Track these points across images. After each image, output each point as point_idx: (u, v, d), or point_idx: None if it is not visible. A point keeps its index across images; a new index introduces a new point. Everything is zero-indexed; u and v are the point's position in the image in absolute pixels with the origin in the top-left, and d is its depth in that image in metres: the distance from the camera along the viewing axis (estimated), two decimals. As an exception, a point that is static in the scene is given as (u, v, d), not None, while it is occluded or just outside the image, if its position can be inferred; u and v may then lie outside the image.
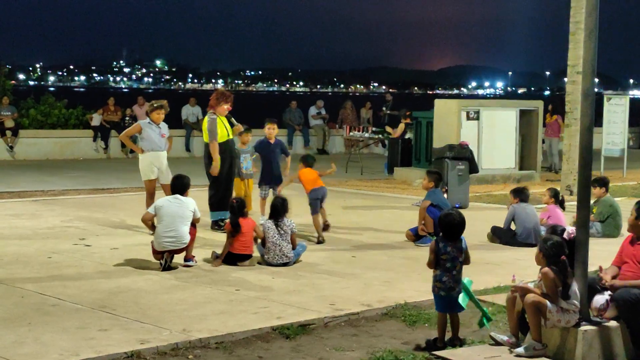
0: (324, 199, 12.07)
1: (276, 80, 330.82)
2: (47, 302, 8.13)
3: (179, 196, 9.98)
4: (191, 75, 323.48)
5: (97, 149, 24.74)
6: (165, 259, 9.67)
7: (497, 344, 6.99)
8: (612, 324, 6.84)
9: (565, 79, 17.60)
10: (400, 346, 7.13)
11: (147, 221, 10.14)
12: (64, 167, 21.70)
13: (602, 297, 6.96)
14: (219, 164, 12.06)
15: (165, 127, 12.53)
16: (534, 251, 7.15)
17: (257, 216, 12.21)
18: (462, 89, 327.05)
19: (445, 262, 7.13)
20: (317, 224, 11.74)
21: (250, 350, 6.99)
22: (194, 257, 9.98)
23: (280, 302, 8.30)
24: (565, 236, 7.10)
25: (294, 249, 10.15)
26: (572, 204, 10.71)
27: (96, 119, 24.89)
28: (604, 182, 12.63)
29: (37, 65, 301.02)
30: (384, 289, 8.98)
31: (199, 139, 24.94)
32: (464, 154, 16.12)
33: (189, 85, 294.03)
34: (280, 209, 10.21)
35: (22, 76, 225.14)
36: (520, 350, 6.79)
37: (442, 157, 16.09)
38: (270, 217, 10.30)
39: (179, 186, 10.12)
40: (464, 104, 19.63)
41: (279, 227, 10.09)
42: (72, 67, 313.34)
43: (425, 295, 8.09)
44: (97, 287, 8.79)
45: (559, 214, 11.90)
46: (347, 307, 8.15)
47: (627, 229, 7.36)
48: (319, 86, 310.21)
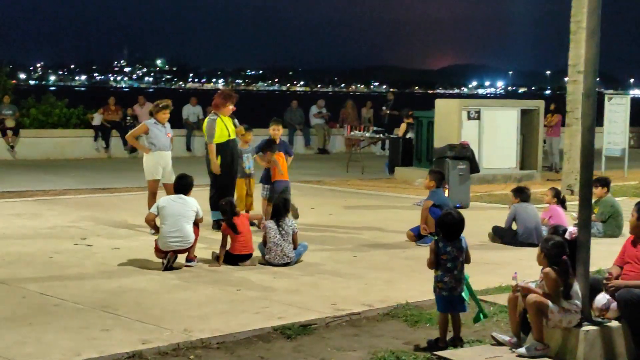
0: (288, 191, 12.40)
1: (277, 79, 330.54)
2: (49, 302, 8.14)
3: (182, 196, 9.99)
4: (192, 74, 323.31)
5: (98, 148, 24.76)
6: (168, 259, 9.67)
7: (499, 344, 7.00)
8: (614, 324, 6.84)
9: (566, 79, 17.58)
10: (401, 346, 7.12)
11: (150, 221, 10.17)
12: (65, 166, 21.71)
13: (604, 297, 6.97)
14: (218, 164, 12.10)
15: (169, 126, 12.52)
16: (535, 251, 7.14)
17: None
18: (463, 88, 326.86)
19: (446, 262, 7.13)
20: (267, 213, 11.57)
21: (251, 350, 6.99)
22: (196, 257, 9.98)
23: (281, 302, 8.30)
24: (566, 236, 7.09)
25: (295, 249, 10.15)
26: (573, 203, 10.69)
27: (97, 119, 24.92)
28: (605, 182, 12.63)
29: (38, 64, 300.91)
30: (386, 289, 8.98)
31: (199, 138, 24.93)
32: (464, 154, 16.11)
33: (190, 84, 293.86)
34: (281, 209, 10.21)
35: (23, 75, 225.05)
36: (522, 350, 6.78)
37: (443, 156, 16.08)
38: (271, 217, 10.30)
39: (183, 186, 10.12)
40: (465, 104, 19.64)
41: (281, 228, 10.08)
42: (73, 66, 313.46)
43: (426, 295, 8.08)
44: (99, 287, 8.80)
45: (561, 214, 11.90)
46: (348, 307, 8.15)
47: (630, 230, 7.36)
48: (319, 85, 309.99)
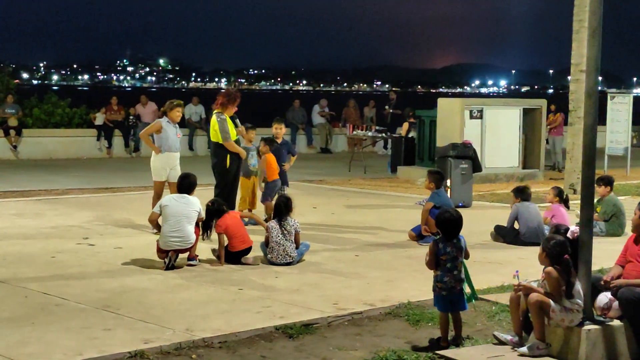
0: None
1: (279, 79, 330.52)
2: (51, 302, 8.14)
3: (185, 195, 9.98)
4: (194, 74, 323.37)
5: (100, 148, 24.77)
6: (169, 258, 9.67)
7: (501, 343, 6.99)
8: (616, 323, 6.84)
9: (568, 77, 17.58)
10: (403, 345, 7.13)
11: (153, 221, 10.17)
12: (68, 166, 21.71)
13: (606, 296, 6.96)
14: (245, 153, 12.15)
15: (178, 127, 12.37)
16: (537, 250, 7.14)
17: (261, 215, 12.22)
18: (466, 87, 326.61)
19: (445, 263, 7.14)
20: (270, 209, 11.64)
21: (253, 349, 6.99)
22: (197, 256, 9.98)
23: (283, 302, 8.30)
24: (568, 235, 7.09)
25: (297, 248, 10.14)
26: (575, 202, 10.69)
27: (99, 118, 24.93)
28: (608, 181, 12.61)
29: (41, 64, 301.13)
30: (387, 288, 8.98)
31: (202, 137, 24.94)
32: (467, 153, 16.10)
33: (192, 84, 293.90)
34: (283, 209, 10.19)
35: (25, 75, 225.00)
36: (523, 349, 6.78)
37: (445, 155, 16.06)
38: (273, 217, 10.29)
39: (186, 185, 10.11)
40: (468, 103, 19.62)
41: (283, 227, 10.07)
42: (75, 66, 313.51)
43: (428, 294, 8.05)
44: (101, 287, 8.80)
45: (563, 213, 11.88)
46: (350, 307, 8.15)
47: (632, 229, 7.35)
48: (322, 85, 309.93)
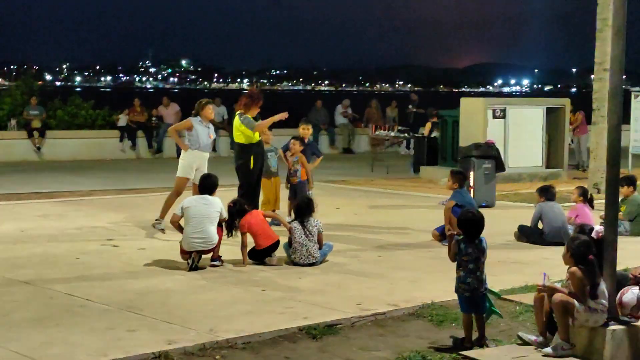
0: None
1: (301, 79, 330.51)
2: (76, 303, 8.19)
3: (207, 196, 9.98)
4: (217, 74, 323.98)
5: (123, 149, 24.89)
6: (192, 259, 9.69)
7: (525, 343, 6.97)
8: (641, 323, 6.79)
9: (592, 76, 17.48)
10: (427, 346, 7.11)
11: (175, 222, 10.14)
12: (91, 167, 21.83)
13: (633, 292, 6.90)
14: (277, 116, 12.01)
15: (212, 128, 12.24)
16: (561, 250, 7.10)
17: (285, 216, 12.22)
18: (488, 86, 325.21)
19: (467, 264, 7.12)
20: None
21: (277, 350, 6.99)
22: (221, 256, 9.99)
23: (306, 302, 8.30)
24: (593, 235, 7.05)
25: (320, 248, 10.14)
26: (600, 202, 10.62)
27: (122, 120, 25.08)
28: (631, 181, 12.53)
29: (64, 65, 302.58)
30: (411, 289, 8.96)
31: (224, 138, 24.98)
32: (490, 153, 16.04)
33: (215, 84, 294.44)
34: (305, 210, 10.19)
35: (49, 77, 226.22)
36: (548, 350, 6.75)
37: (468, 155, 16.01)
38: (295, 218, 10.30)
39: (208, 186, 10.10)
40: (490, 102, 19.54)
41: (305, 228, 10.07)
42: (98, 67, 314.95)
43: (452, 294, 8.01)
44: (125, 288, 8.84)
45: (587, 213, 11.80)
46: (373, 307, 8.14)
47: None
48: (344, 85, 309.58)
